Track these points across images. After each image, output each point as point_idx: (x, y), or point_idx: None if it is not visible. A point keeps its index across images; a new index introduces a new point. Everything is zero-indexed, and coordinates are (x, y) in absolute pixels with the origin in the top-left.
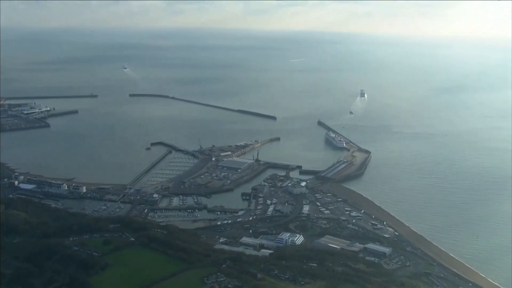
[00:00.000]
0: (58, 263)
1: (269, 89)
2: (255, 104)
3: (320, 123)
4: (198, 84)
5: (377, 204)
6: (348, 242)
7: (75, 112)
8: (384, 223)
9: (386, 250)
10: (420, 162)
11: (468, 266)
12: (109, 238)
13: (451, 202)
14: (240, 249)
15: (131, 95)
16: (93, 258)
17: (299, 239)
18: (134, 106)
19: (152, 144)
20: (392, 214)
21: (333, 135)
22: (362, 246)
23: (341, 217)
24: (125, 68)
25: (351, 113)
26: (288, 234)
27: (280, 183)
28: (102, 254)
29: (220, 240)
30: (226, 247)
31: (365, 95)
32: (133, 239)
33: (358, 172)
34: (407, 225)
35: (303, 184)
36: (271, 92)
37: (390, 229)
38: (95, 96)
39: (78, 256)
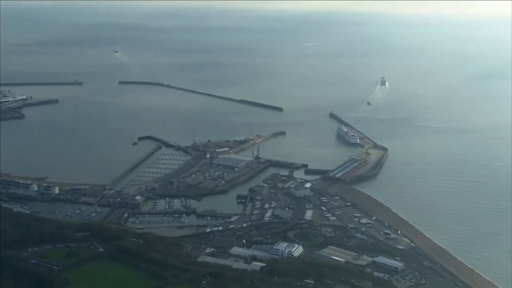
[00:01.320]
0: (9, 280)
1: (277, 77)
2: (260, 93)
3: (332, 116)
4: (198, 70)
5: (392, 209)
6: (355, 254)
7: (55, 101)
8: (399, 232)
9: (399, 264)
10: (447, 161)
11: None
12: (75, 249)
13: (481, 210)
14: (228, 261)
15: (121, 83)
16: (52, 273)
17: (297, 250)
18: (123, 95)
19: (140, 139)
20: (409, 222)
21: (345, 129)
22: (370, 259)
23: (349, 225)
24: (117, 52)
25: (368, 104)
26: (285, 244)
27: (282, 184)
28: (64, 268)
29: (206, 251)
30: (211, 260)
31: (386, 84)
32: (102, 250)
33: (372, 172)
34: (427, 235)
35: (308, 185)
36: (280, 80)
37: (406, 240)
38: (80, 83)
39: (34, 271)
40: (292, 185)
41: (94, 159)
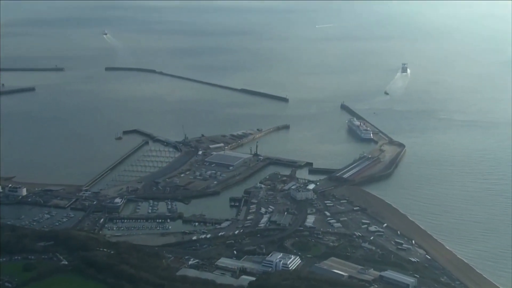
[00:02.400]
0: None
1: (285, 64)
2: (264, 82)
3: (343, 107)
4: (196, 56)
5: (406, 216)
6: (360, 267)
7: (31, 89)
8: (413, 242)
9: (410, 280)
10: (473, 160)
11: None
12: (34, 261)
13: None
14: (213, 275)
15: (108, 69)
16: None
17: (294, 262)
18: (110, 83)
19: (125, 133)
20: (426, 231)
21: (357, 122)
22: (377, 273)
23: (356, 233)
24: (105, 34)
25: (386, 93)
26: (280, 255)
27: (282, 185)
28: (18, 284)
29: (190, 262)
30: (193, 273)
31: (408, 71)
32: (65, 262)
33: (386, 172)
34: (446, 246)
35: (311, 187)
36: (287, 67)
37: (420, 251)
38: (61, 69)
39: None
40: (293, 187)
41: (70, 156)
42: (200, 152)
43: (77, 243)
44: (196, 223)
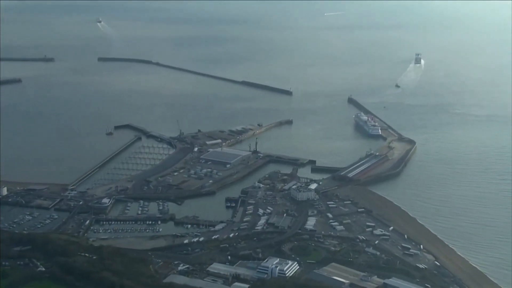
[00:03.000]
0: None
1: (289, 54)
2: (267, 74)
3: (351, 101)
4: (195, 46)
5: (415, 218)
6: (362, 274)
7: (17, 81)
8: (421, 247)
9: None
10: (490, 159)
11: None
12: (8, 268)
13: None
14: (203, 282)
15: (101, 60)
16: None
17: (291, 267)
18: (102, 74)
19: (117, 128)
20: (436, 235)
21: (365, 117)
22: (381, 281)
23: (359, 236)
24: (99, 22)
25: (397, 86)
26: (277, 260)
27: (282, 184)
28: None
29: (179, 268)
30: (181, 280)
31: (422, 62)
32: (42, 269)
33: (394, 171)
34: (457, 252)
35: (313, 186)
36: (292, 58)
37: (429, 257)
38: (51, 59)
39: None
40: (293, 186)
41: (57, 153)
42: (195, 149)
43: (56, 247)
44: (189, 225)
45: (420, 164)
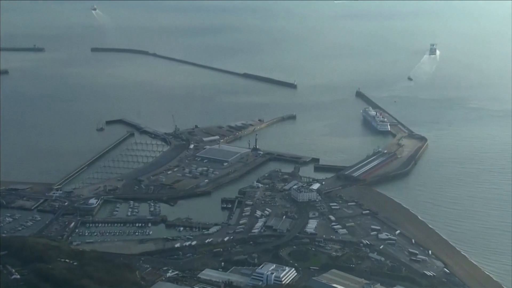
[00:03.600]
0: None
1: (297, 45)
2: (271, 66)
3: (359, 95)
4: (196, 36)
5: (424, 221)
6: (365, 282)
7: (3, 72)
8: (430, 252)
9: None
10: (507, 157)
11: None
12: None
13: None
14: None
15: (95, 50)
16: None
17: (289, 274)
18: (96, 66)
19: (108, 123)
20: (446, 240)
21: (373, 112)
22: None
23: (363, 240)
24: (94, 10)
25: (409, 79)
26: (273, 266)
27: (282, 184)
28: None
29: (168, 275)
30: (169, 287)
31: (437, 52)
32: (17, 276)
33: (402, 171)
34: (469, 259)
35: (315, 186)
36: (300, 48)
37: (438, 263)
38: (40, 49)
39: None
40: (294, 186)
41: (43, 150)
42: (191, 146)
43: (33, 252)
44: (181, 228)
45: (432, 163)
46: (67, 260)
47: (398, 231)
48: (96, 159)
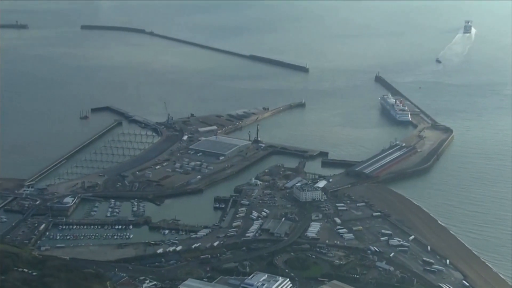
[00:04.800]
0: None
1: (314, 23)
2: (282, 47)
3: (378, 80)
4: (199, 12)
5: (444, 226)
6: None
7: None
8: (447, 262)
9: None
10: None
11: None
12: None
13: None
14: None
15: (85, 28)
16: None
17: (283, 286)
18: (85, 45)
19: (94, 110)
20: (468, 247)
21: (392, 100)
22: None
23: (371, 247)
24: None
25: (438, 61)
26: (265, 276)
27: (284, 181)
28: None
29: (144, 286)
30: None
31: (472, 30)
32: None
33: (422, 167)
34: (494, 270)
35: (321, 184)
36: (316, 27)
37: (456, 274)
38: (24, 26)
39: None
40: (297, 184)
41: (17, 141)
42: (185, 137)
43: None
44: (166, 231)
45: (456, 158)
46: (25, 270)
47: (412, 237)
48: (76, 151)
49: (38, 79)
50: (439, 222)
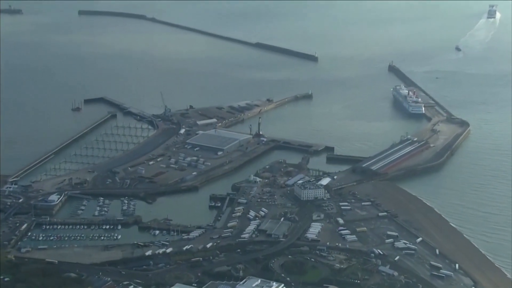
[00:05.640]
0: None
1: (323, 9)
2: (290, 34)
3: (392, 69)
4: None
5: (455, 227)
6: None
7: None
8: (457, 266)
9: None
10: None
11: None
12: None
13: None
14: None
15: (83, 13)
16: None
17: None
18: (83, 32)
19: (87, 102)
20: (482, 252)
21: (405, 91)
22: None
23: (375, 250)
24: None
25: (458, 49)
26: (258, 281)
27: (285, 178)
28: None
29: None
30: None
31: (497, 15)
32: None
33: (434, 163)
34: (509, 276)
35: (324, 181)
36: (326, 13)
37: (466, 280)
38: (17, 11)
39: None
40: (299, 181)
41: (2, 134)
42: (182, 131)
43: None
44: (157, 232)
45: (472, 154)
46: None
47: (419, 239)
48: (66, 145)
49: (30, 68)
50: (450, 223)
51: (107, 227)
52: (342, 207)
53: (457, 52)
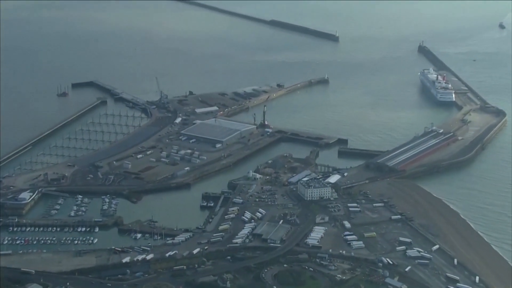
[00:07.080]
0: None
1: None
2: (308, 11)
3: (422, 50)
4: None
5: (479, 233)
6: None
7: None
8: (477, 279)
9: None
10: None
11: None
12: None
13: None
14: None
15: None
16: None
17: None
18: (80, 8)
19: (74, 86)
20: (506, 260)
21: (433, 75)
22: None
23: (384, 259)
24: None
25: (502, 27)
26: None
27: (289, 175)
28: None
29: None
30: None
31: None
32: None
33: (462, 159)
34: None
35: (333, 179)
36: None
37: None
38: None
39: None
40: (304, 178)
41: None
42: (178, 120)
43: None
44: (139, 235)
45: (506, 149)
46: None
47: (436, 246)
48: (46, 135)
49: (17, 48)
50: (473, 229)
51: (83, 229)
52: (350, 209)
53: (500, 30)
